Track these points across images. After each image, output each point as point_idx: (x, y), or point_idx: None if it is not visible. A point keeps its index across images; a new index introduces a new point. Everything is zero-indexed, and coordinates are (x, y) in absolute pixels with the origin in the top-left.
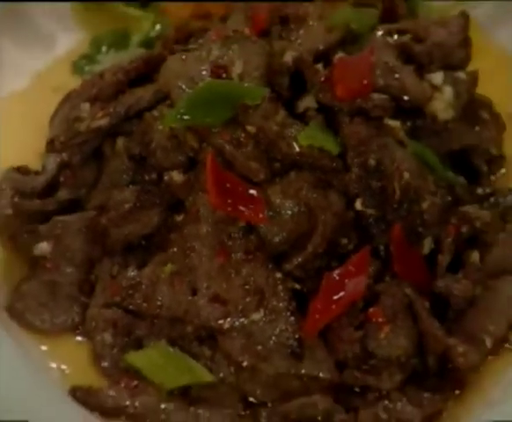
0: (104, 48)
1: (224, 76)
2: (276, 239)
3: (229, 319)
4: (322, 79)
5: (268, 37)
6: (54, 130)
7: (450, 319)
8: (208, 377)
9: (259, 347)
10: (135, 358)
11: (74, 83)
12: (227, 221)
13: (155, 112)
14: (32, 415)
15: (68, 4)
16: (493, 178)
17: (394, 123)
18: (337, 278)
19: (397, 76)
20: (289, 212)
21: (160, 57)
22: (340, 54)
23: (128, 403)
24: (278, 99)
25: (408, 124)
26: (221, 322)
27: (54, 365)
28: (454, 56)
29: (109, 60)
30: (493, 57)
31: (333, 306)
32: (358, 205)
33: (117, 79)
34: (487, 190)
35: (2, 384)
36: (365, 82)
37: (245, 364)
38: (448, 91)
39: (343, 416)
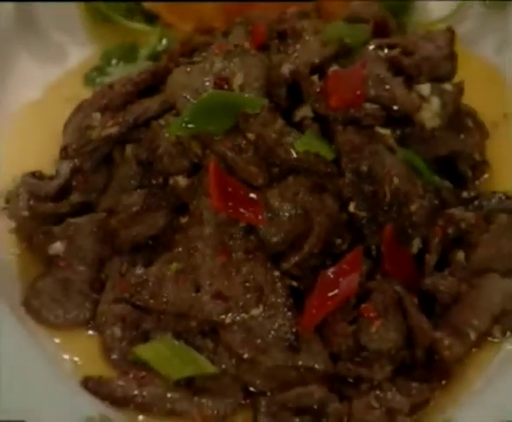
0: (114, 61)
1: (226, 87)
2: (274, 239)
3: (230, 314)
4: (317, 90)
5: (267, 51)
6: (67, 138)
7: (437, 314)
8: (210, 368)
9: (259, 341)
10: (143, 350)
11: (86, 93)
12: (228, 222)
13: (161, 121)
14: (47, 404)
15: (80, 19)
16: (477, 182)
17: (385, 131)
18: (332, 276)
19: (387, 87)
20: (287, 214)
21: (166, 69)
22: (334, 67)
23: (136, 392)
24: (276, 109)
25: (398, 132)
26: (222, 317)
27: (66, 357)
28: (441, 69)
29: (119, 72)
30: (477, 69)
31: (328, 302)
32: (351, 207)
33: (126, 90)
34: (472, 193)
35: (17, 375)
36: (358, 92)
37: (245, 356)
38: (435, 102)
39: (337, 405)
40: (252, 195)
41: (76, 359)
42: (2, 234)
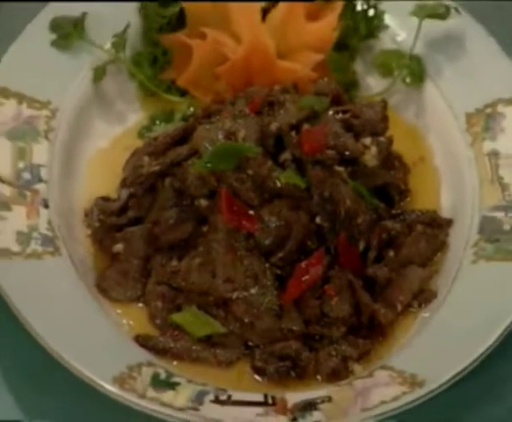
0: (157, 122)
1: (233, 139)
2: (266, 242)
3: (236, 293)
4: (295, 141)
5: (261, 114)
6: (125, 173)
7: (376, 293)
8: (222, 329)
9: (255, 310)
10: (177, 317)
11: (138, 143)
12: (235, 231)
13: (189, 162)
14: (111, 352)
15: (135, 94)
16: (402, 203)
17: (340, 169)
18: (304, 267)
19: (341, 139)
20: (274, 225)
21: (193, 127)
22: (306, 126)
23: (172, 345)
24: (267, 154)
25: (349, 169)
26: (230, 294)
27: (125, 321)
28: (377, 127)
29: (161, 129)
30: (402, 127)
31: (302, 285)
32: (318, 220)
33: (165, 141)
34: (398, 211)
35: (91, 333)
36: (322, 143)
37: (246, 321)
38: (373, 149)
39: (308, 354)
40: (251, 212)
41: (131, 322)
42: (83, 238)
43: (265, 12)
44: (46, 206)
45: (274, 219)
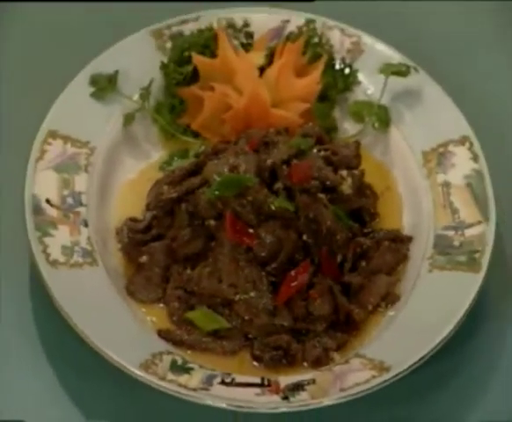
0: (175, 158)
1: (236, 171)
2: (262, 254)
3: (238, 295)
4: (286, 173)
5: (258, 152)
6: (149, 199)
7: (351, 296)
8: (227, 325)
9: (254, 310)
10: (190, 314)
11: (159, 175)
12: (237, 245)
13: (201, 190)
14: (138, 344)
15: (157, 136)
16: (372, 224)
17: (322, 195)
18: (293, 275)
19: (323, 172)
20: (269, 241)
21: (203, 162)
22: (295, 161)
23: (186, 338)
24: (263, 183)
25: (329, 196)
26: (234, 296)
27: (149, 319)
28: (352, 162)
29: (178, 164)
30: (371, 163)
31: (291, 289)
32: (304, 237)
33: (181, 173)
34: (369, 230)
35: (120, 327)
36: (307, 175)
37: (246, 318)
38: (349, 180)
39: (296, 345)
40: (250, 230)
41: (153, 319)
42: (115, 251)
43: (262, 70)
44: (85, 225)
45: (269, 236)
